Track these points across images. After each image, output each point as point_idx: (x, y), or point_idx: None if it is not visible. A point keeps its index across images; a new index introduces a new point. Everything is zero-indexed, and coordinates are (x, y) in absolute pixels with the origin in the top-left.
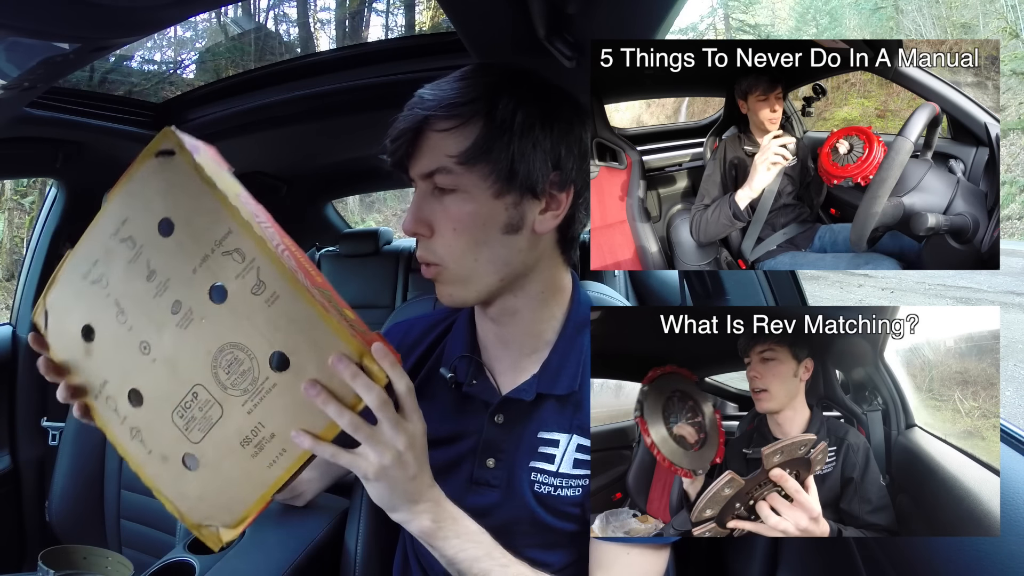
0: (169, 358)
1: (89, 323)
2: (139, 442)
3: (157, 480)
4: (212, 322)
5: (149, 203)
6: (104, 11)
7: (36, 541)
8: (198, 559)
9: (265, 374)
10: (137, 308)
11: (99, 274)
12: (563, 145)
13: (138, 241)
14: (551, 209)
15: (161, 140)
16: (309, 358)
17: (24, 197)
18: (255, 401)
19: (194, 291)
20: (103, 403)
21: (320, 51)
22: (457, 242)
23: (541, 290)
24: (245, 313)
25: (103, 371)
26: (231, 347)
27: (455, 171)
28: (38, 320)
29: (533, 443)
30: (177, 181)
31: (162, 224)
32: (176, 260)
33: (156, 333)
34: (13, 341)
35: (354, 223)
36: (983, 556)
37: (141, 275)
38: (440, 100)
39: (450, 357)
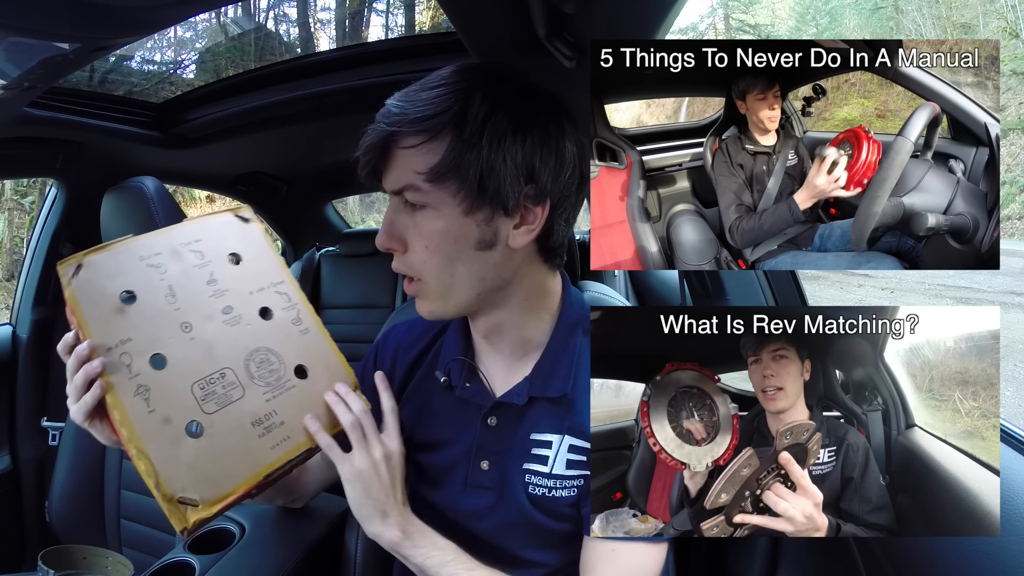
0: (208, 341)
1: (133, 291)
2: (142, 400)
3: (147, 439)
4: (256, 328)
5: (224, 240)
6: (104, 11)
7: (36, 541)
8: (198, 559)
9: (288, 377)
10: (190, 297)
11: (159, 262)
12: (537, 156)
13: (207, 256)
14: (526, 223)
15: (240, 209)
16: (322, 375)
17: (24, 197)
18: (275, 394)
19: (247, 305)
20: (115, 356)
21: (320, 51)
22: (431, 259)
23: (524, 298)
24: (284, 332)
25: (130, 331)
26: (266, 350)
27: (423, 188)
28: (64, 268)
29: (526, 445)
30: (249, 238)
31: (232, 255)
32: (238, 281)
33: (202, 320)
34: (13, 341)
35: (354, 223)
36: (983, 556)
37: (202, 279)
38: (406, 114)
39: (444, 360)
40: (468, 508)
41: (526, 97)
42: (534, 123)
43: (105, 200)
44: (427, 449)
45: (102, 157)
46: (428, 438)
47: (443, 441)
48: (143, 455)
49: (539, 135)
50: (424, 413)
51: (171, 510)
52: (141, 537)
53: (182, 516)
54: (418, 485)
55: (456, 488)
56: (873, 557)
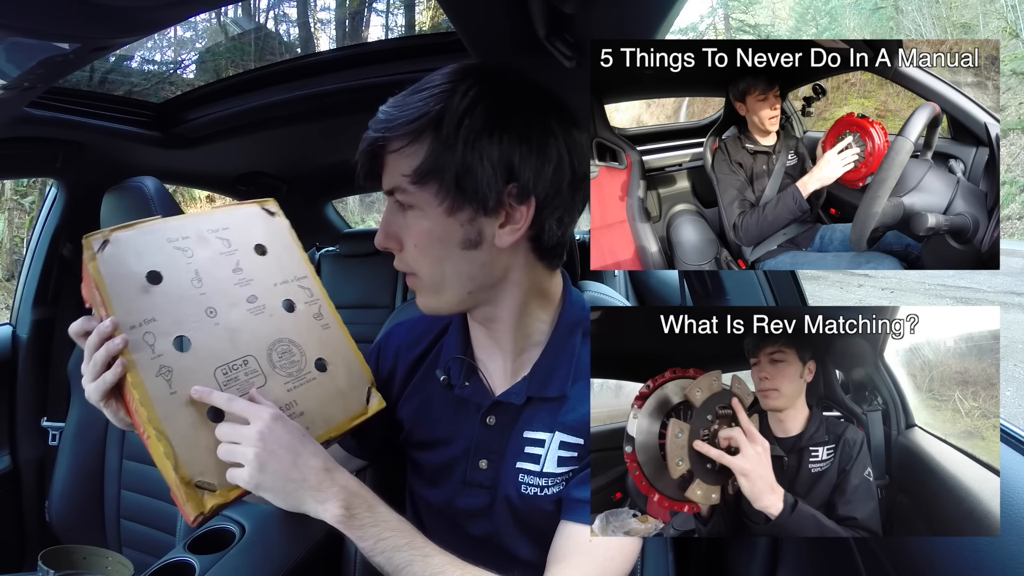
0: (233, 328)
1: (159, 271)
2: (164, 380)
3: (167, 421)
4: (279, 320)
5: (251, 230)
6: (104, 11)
7: (36, 541)
8: (198, 559)
9: (308, 369)
10: (215, 283)
11: (186, 246)
12: (516, 154)
13: (234, 244)
14: (511, 222)
15: (266, 202)
16: (341, 371)
17: (24, 197)
18: (295, 385)
19: (272, 296)
20: (138, 335)
21: (320, 51)
22: (423, 257)
23: (521, 297)
24: (306, 326)
25: (154, 311)
26: (289, 342)
27: (409, 189)
28: (90, 241)
29: (520, 443)
30: (275, 231)
31: (258, 246)
32: (263, 272)
33: (227, 307)
34: (13, 341)
35: (354, 223)
36: (983, 556)
37: (228, 266)
38: (391, 120)
39: (444, 359)
40: (465, 507)
41: (506, 95)
42: (512, 121)
43: (105, 200)
44: (426, 448)
45: (102, 157)
46: (427, 437)
47: (442, 440)
48: (163, 436)
49: (517, 133)
50: (424, 412)
51: (188, 494)
52: (141, 537)
53: (199, 501)
54: (416, 484)
55: (454, 487)
56: (873, 557)
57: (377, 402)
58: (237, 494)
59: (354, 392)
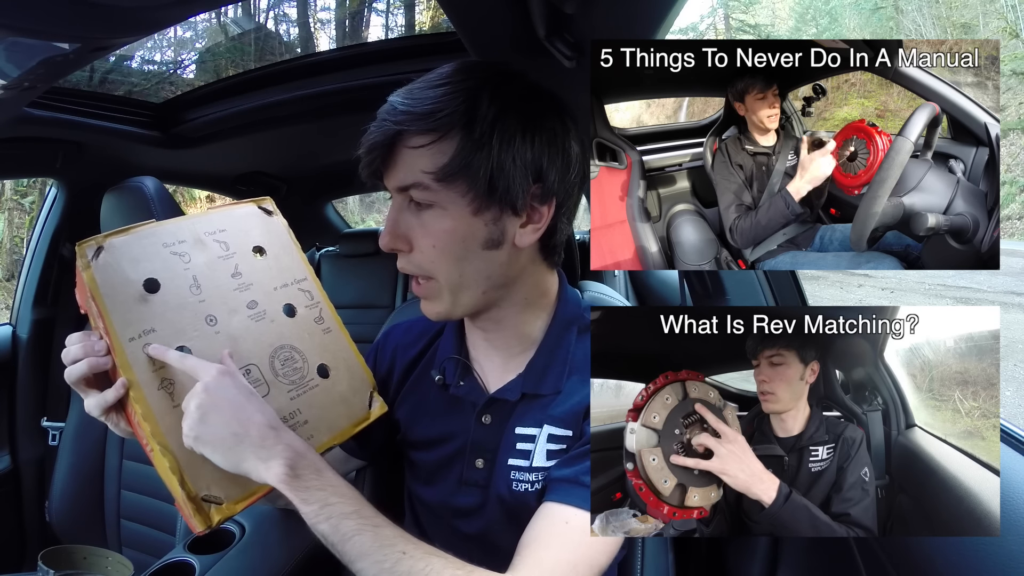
0: (233, 336)
1: (156, 279)
2: (166, 394)
3: (172, 435)
4: (280, 326)
5: (248, 231)
6: (104, 11)
7: (36, 541)
8: (198, 559)
9: (311, 376)
10: (215, 290)
11: (183, 250)
12: (545, 156)
13: (232, 247)
14: (532, 223)
15: (263, 201)
16: (343, 376)
17: (24, 197)
18: (298, 392)
19: (272, 301)
20: (137, 346)
21: (320, 51)
22: (440, 258)
23: (524, 296)
24: (307, 331)
25: (154, 321)
26: (291, 348)
27: (432, 187)
28: (84, 249)
29: (512, 440)
30: (273, 231)
31: (256, 248)
32: (263, 276)
33: (227, 314)
34: (13, 341)
35: (354, 223)
36: (983, 556)
37: (227, 271)
38: (414, 113)
39: (440, 359)
40: (461, 505)
41: (532, 98)
42: (542, 124)
43: (105, 200)
44: (422, 447)
45: (102, 157)
46: (424, 436)
47: (438, 439)
48: (167, 451)
49: (547, 135)
50: (420, 411)
51: (194, 509)
52: (141, 537)
53: (206, 515)
54: (413, 483)
55: (451, 486)
56: (873, 557)
57: (379, 406)
58: (243, 506)
59: (356, 397)
